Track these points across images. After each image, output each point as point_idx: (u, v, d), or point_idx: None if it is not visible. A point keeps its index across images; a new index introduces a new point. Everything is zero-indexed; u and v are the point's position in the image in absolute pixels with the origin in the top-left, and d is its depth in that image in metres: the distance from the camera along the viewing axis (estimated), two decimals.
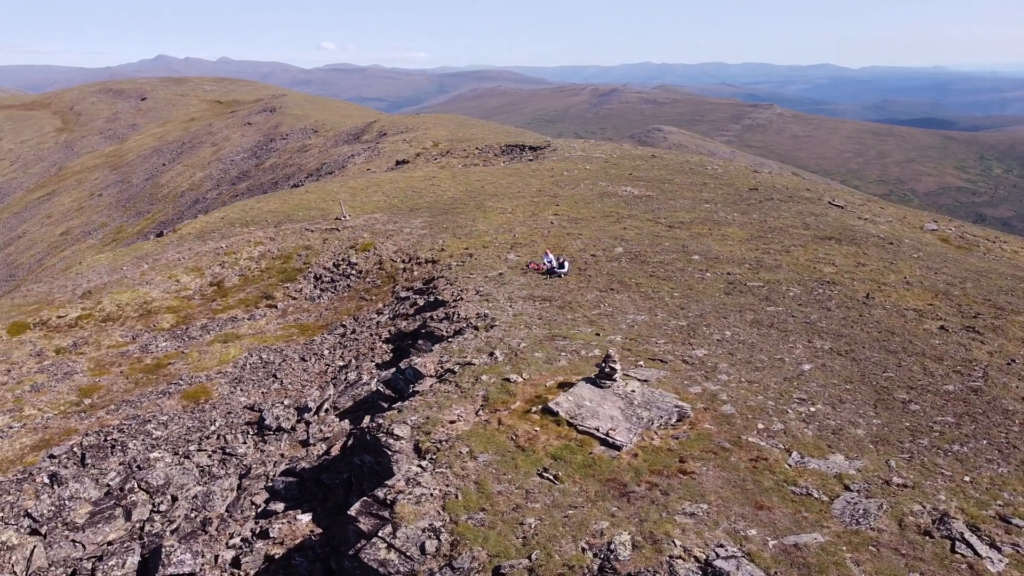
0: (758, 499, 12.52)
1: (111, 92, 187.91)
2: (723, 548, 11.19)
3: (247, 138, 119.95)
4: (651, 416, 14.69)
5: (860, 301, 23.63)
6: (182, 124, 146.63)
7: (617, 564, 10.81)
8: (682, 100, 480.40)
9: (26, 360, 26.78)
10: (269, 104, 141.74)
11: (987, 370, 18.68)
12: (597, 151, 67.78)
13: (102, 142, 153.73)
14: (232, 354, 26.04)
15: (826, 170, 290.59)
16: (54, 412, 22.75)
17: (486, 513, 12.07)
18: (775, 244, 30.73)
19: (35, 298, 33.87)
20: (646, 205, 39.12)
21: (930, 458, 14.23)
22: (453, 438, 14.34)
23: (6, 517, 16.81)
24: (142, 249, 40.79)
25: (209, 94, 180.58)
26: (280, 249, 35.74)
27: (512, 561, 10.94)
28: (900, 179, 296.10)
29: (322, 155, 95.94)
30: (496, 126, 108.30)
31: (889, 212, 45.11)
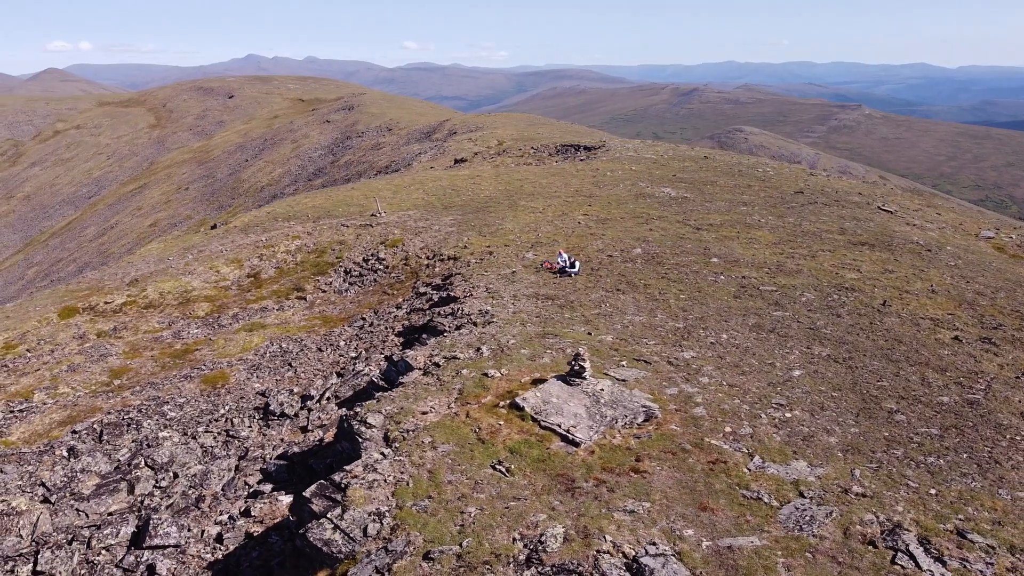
0: (704, 501, 12.54)
1: (201, 90, 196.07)
2: (654, 546, 11.29)
3: (325, 135, 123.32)
4: (616, 415, 14.81)
5: (874, 308, 23.01)
6: (265, 121, 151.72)
7: (544, 555, 11.05)
8: (765, 100, 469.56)
9: (69, 342, 28.56)
10: (348, 103, 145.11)
11: (992, 383, 18.02)
12: (649, 151, 67.24)
13: (191, 138, 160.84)
14: (255, 342, 27.17)
15: (916, 174, 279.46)
16: (85, 391, 24.25)
17: (431, 501, 12.47)
18: (802, 248, 30.09)
19: (87, 284, 35.98)
20: (680, 207, 38.77)
21: (899, 469, 13.92)
22: (420, 428, 14.79)
23: (23, 485, 18.10)
24: (190, 240, 42.77)
25: (292, 92, 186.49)
26: (315, 243, 36.96)
27: (443, 547, 11.31)
28: (997, 184, 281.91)
29: (393, 153, 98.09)
30: (565, 125, 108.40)
31: (945, 218, 43.39)
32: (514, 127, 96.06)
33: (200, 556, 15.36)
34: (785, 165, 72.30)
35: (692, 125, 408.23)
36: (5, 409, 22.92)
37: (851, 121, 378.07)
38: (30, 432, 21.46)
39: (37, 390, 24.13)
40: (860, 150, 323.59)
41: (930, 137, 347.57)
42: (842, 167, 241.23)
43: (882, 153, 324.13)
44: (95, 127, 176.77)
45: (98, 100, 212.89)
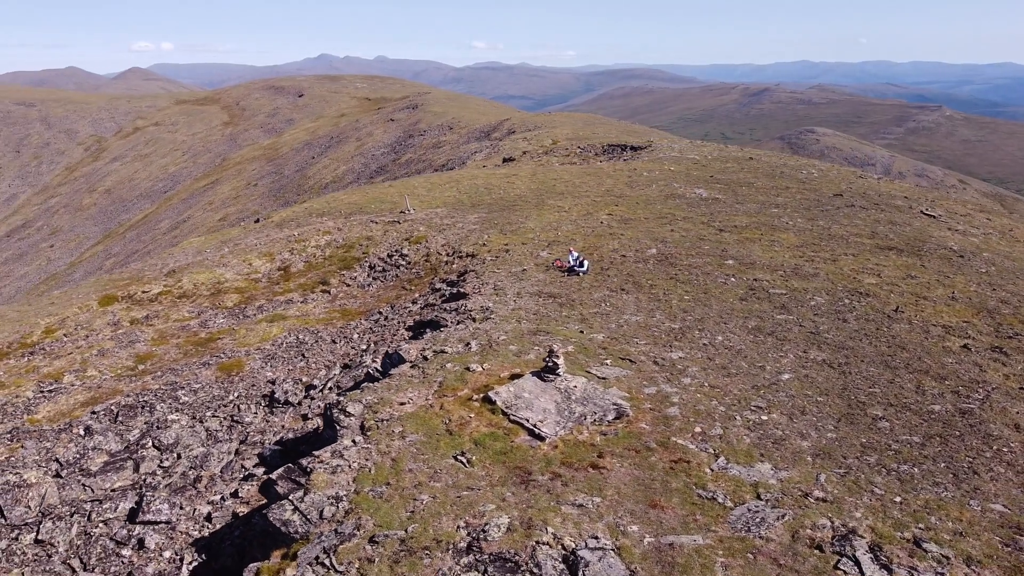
0: (657, 499, 12.61)
1: (272, 89, 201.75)
2: (595, 540, 11.44)
3: (388, 134, 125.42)
4: (585, 411, 14.96)
5: (885, 314, 22.47)
6: (332, 120, 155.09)
7: (484, 543, 11.32)
8: (840, 101, 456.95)
9: (103, 328, 30.03)
10: (413, 101, 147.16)
11: (991, 393, 17.48)
12: (694, 152, 66.52)
13: (261, 135, 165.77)
14: (273, 333, 28.10)
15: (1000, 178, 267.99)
16: (111, 375, 25.51)
17: (388, 487, 12.87)
18: (824, 252, 29.50)
19: (129, 274, 37.69)
20: (707, 208, 38.37)
21: (868, 476, 13.69)
22: (395, 418, 15.21)
23: (39, 460, 19.24)
24: (228, 234, 44.31)
25: (360, 91, 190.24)
26: (345, 239, 37.88)
27: (390, 531, 11.69)
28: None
29: (452, 151, 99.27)
30: (622, 125, 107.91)
31: (994, 223, 41.84)
32: (571, 127, 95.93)
33: (188, 533, 16.11)
34: (833, 167, 70.51)
35: (762, 126, 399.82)
36: (36, 389, 24.30)
37: (930, 123, 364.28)
38: (55, 411, 22.71)
39: (67, 372, 25.48)
40: (939, 153, 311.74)
41: (1016, 140, 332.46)
42: (919, 170, 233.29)
43: (963, 156, 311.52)
44: (172, 124, 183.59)
45: (176, 98, 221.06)
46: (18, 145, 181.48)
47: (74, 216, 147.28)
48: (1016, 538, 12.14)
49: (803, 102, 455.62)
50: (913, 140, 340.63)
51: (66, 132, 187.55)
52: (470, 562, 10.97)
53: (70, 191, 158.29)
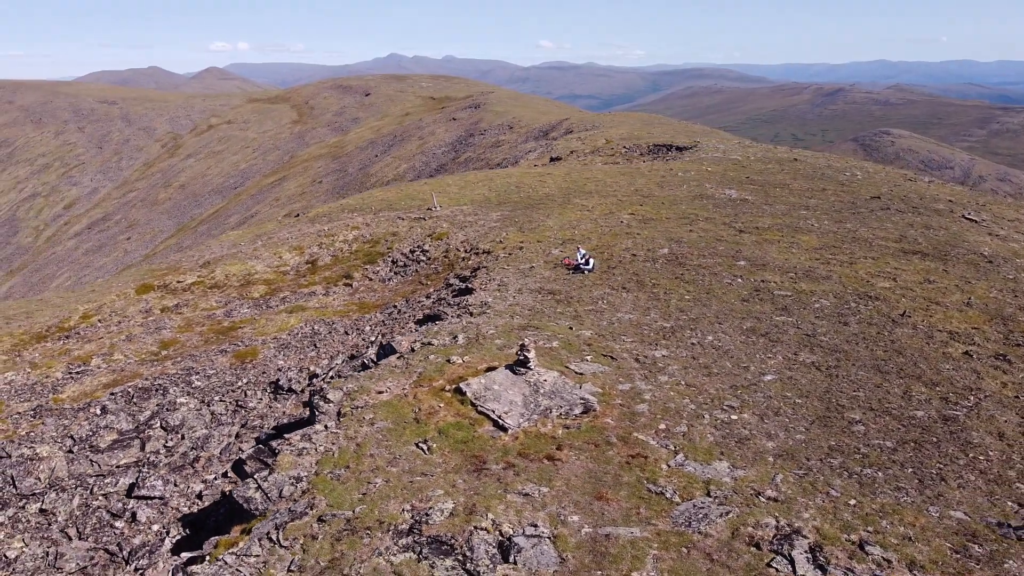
0: (604, 491, 12.81)
1: (340, 88, 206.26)
2: (534, 528, 11.74)
3: (450, 133, 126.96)
4: (552, 405, 15.22)
5: (890, 319, 22.02)
6: (397, 119, 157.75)
7: (424, 526, 11.73)
8: (918, 101, 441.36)
9: (135, 315, 31.51)
10: (475, 101, 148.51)
11: (983, 400, 17.06)
12: (738, 152, 65.60)
13: (328, 134, 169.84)
14: (291, 323, 29.05)
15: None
16: (135, 359, 26.81)
17: (348, 470, 13.40)
18: (843, 255, 28.95)
19: (167, 264, 39.36)
20: (733, 209, 37.94)
21: (827, 478, 13.60)
22: (368, 406, 15.75)
23: (56, 436, 20.46)
24: (263, 228, 45.76)
25: (425, 91, 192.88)
26: (371, 234, 38.77)
27: (339, 511, 12.20)
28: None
29: (510, 150, 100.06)
30: (683, 125, 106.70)
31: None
32: (628, 126, 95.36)
33: (178, 508, 16.98)
34: (882, 169, 68.47)
35: (834, 127, 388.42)
36: (65, 371, 25.72)
37: (1016, 125, 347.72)
38: (79, 392, 24.03)
39: (96, 356, 26.89)
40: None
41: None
42: (1000, 174, 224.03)
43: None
44: (244, 122, 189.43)
45: (248, 97, 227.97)
46: (100, 141, 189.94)
47: (150, 210, 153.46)
48: (968, 546, 11.95)
49: (879, 103, 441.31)
50: (997, 143, 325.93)
51: (145, 129, 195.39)
52: (408, 543, 11.39)
53: (147, 186, 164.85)
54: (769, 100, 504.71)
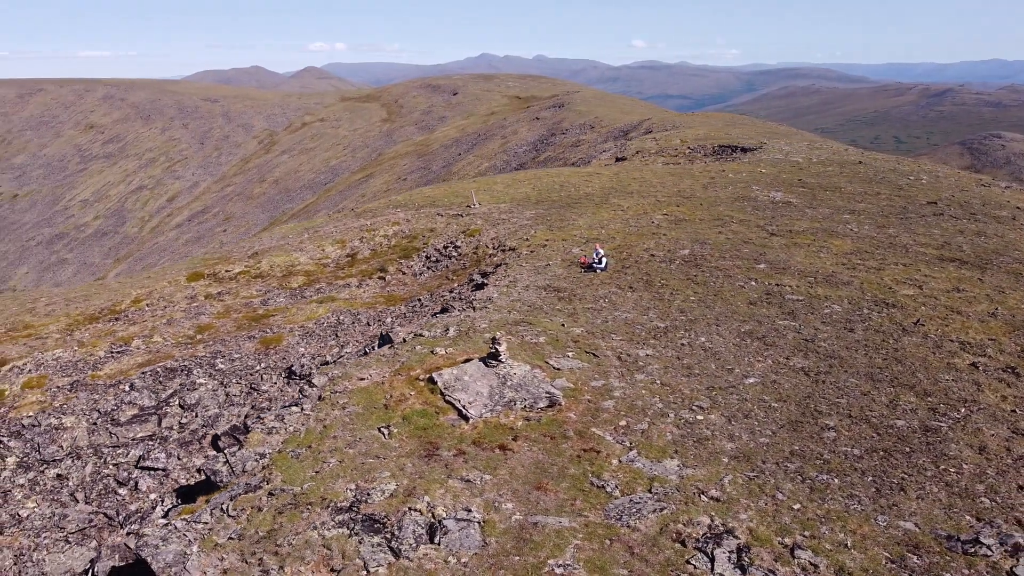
0: (545, 482, 13.12)
1: (429, 87, 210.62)
2: (467, 512, 12.18)
3: (532, 132, 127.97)
4: (517, 397, 15.59)
5: (901, 327, 21.35)
6: (482, 118, 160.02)
7: (363, 505, 12.34)
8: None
9: (180, 301, 33.39)
10: (560, 100, 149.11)
11: (975, 412, 16.46)
12: (801, 154, 63.93)
13: (415, 132, 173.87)
14: (319, 313, 30.25)
15: None
16: (172, 342, 28.49)
17: (308, 450, 14.14)
18: (872, 260, 28.08)
19: (219, 254, 41.41)
20: (772, 212, 37.16)
21: (778, 481, 13.51)
22: (347, 391, 16.49)
23: (85, 409, 22.08)
24: (313, 223, 47.48)
25: (511, 90, 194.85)
26: (410, 230, 39.80)
27: (288, 487, 12.94)
28: None
29: (588, 150, 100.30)
30: (767, 126, 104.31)
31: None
32: (709, 127, 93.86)
33: (176, 480, 18.15)
34: (954, 173, 65.21)
35: (940, 129, 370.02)
36: (107, 350, 27.59)
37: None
38: (116, 370, 25.76)
39: (137, 337, 28.71)
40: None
41: None
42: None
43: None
44: (336, 120, 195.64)
45: (341, 96, 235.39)
46: (202, 138, 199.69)
47: (245, 204, 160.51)
48: (907, 556, 11.74)
49: (991, 104, 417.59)
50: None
51: (243, 126, 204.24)
52: (343, 520, 12.01)
53: (243, 181, 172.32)
54: (870, 101, 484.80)
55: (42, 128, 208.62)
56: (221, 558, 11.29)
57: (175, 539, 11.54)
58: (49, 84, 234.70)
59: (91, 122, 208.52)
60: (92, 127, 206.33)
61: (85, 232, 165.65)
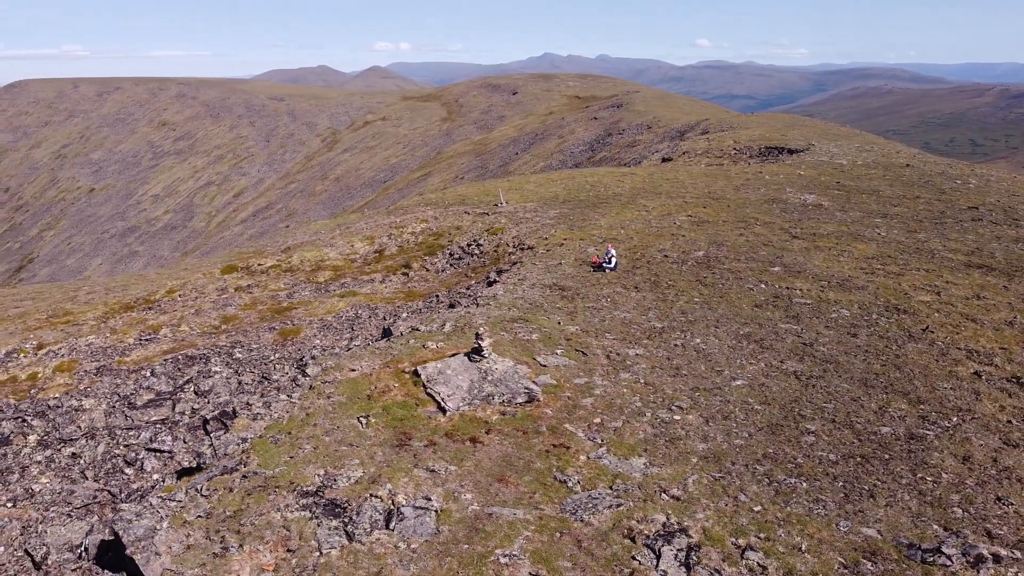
0: (508, 475, 13.38)
1: (489, 87, 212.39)
2: (427, 501, 12.53)
3: (589, 132, 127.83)
4: (495, 392, 15.88)
5: (908, 333, 20.89)
6: (540, 117, 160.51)
7: (327, 490, 12.81)
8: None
9: (211, 292, 34.62)
10: (619, 100, 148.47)
11: (967, 422, 16.08)
12: (848, 156, 62.51)
13: (474, 131, 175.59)
14: (339, 307, 31.01)
15: None
16: (197, 331, 29.60)
17: (288, 436, 14.69)
18: (894, 265, 27.43)
19: (254, 248, 42.70)
20: (800, 214, 36.52)
21: (744, 483, 13.49)
22: (336, 381, 17.03)
23: (107, 393, 23.19)
24: (346, 219, 48.49)
25: (571, 90, 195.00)
26: (437, 227, 40.38)
27: (261, 471, 13.49)
28: None
29: (644, 150, 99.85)
30: (827, 127, 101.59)
31: None
32: (766, 127, 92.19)
33: (180, 462, 18.98)
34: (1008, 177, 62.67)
35: (1021, 132, 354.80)
36: (137, 338, 28.85)
37: None
38: (142, 356, 26.94)
39: (165, 326, 29.92)
40: None
41: None
42: None
43: None
44: (397, 119, 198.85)
45: (402, 95, 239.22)
46: (268, 135, 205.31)
47: (307, 200, 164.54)
48: (862, 562, 11.64)
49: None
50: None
51: (307, 124, 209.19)
52: (306, 503, 12.50)
53: (306, 178, 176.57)
54: (945, 102, 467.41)
55: (118, 125, 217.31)
56: (188, 534, 11.88)
57: (148, 515, 12.18)
58: (126, 83, 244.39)
59: (164, 119, 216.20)
60: (164, 124, 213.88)
61: (156, 226, 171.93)
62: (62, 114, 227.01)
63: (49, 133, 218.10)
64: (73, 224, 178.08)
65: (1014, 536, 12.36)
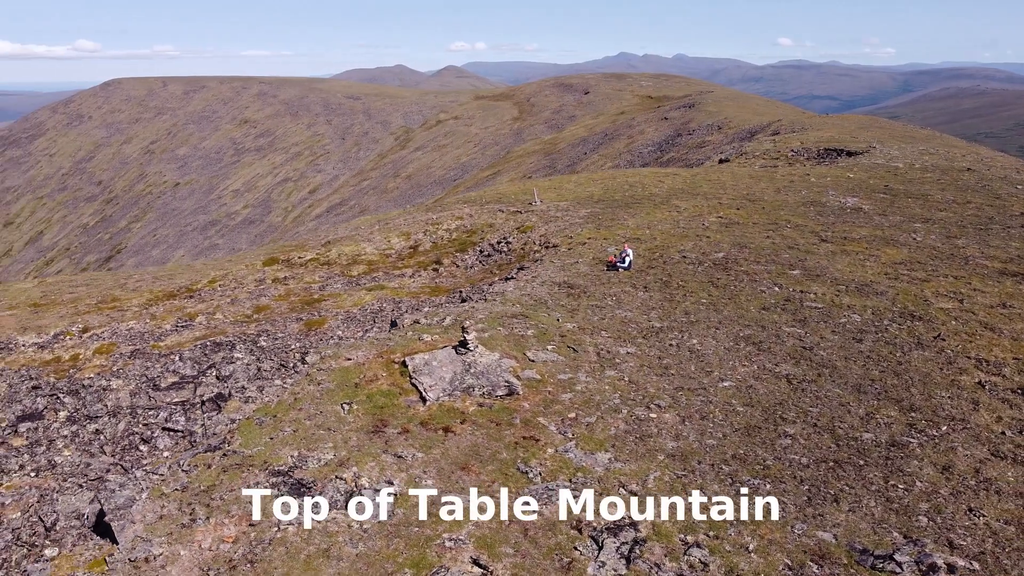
0: (472, 464, 13.80)
1: (561, 86, 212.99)
2: (389, 484, 13.08)
3: (659, 132, 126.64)
4: (476, 384, 16.30)
5: (917, 340, 20.37)
6: (611, 117, 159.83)
7: (297, 470, 13.48)
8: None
9: (249, 283, 36.04)
10: (691, 100, 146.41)
11: (956, 431, 15.69)
12: (906, 159, 60.53)
13: (544, 131, 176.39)
14: (366, 300, 31.90)
15: None
16: (231, 319, 30.92)
17: (273, 419, 15.44)
18: (921, 271, 26.65)
19: (296, 242, 44.16)
20: (837, 217, 35.68)
21: (706, 482, 13.56)
22: (330, 369, 17.74)
23: (136, 374, 24.54)
24: (387, 215, 49.57)
25: (644, 90, 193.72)
26: (471, 224, 40.99)
27: (241, 449, 14.26)
28: None
29: (712, 151, 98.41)
30: (907, 129, 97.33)
31: None
32: (839, 129, 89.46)
33: (190, 441, 19.99)
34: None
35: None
36: (174, 324, 30.33)
37: None
38: (175, 342, 28.34)
39: (201, 314, 31.36)
40: None
41: None
42: None
43: None
44: (469, 118, 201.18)
45: (475, 94, 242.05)
46: (343, 133, 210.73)
47: (379, 198, 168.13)
48: (808, 565, 11.64)
49: None
50: None
51: (382, 123, 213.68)
52: (274, 481, 13.19)
53: (378, 175, 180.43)
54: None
55: (203, 122, 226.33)
56: (163, 506, 12.70)
57: (131, 486, 13.06)
58: (211, 82, 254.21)
59: (245, 117, 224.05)
60: (246, 122, 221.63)
61: (235, 220, 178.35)
62: (152, 111, 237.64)
63: (139, 130, 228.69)
64: (159, 217, 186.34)
65: (977, 547, 12.12)
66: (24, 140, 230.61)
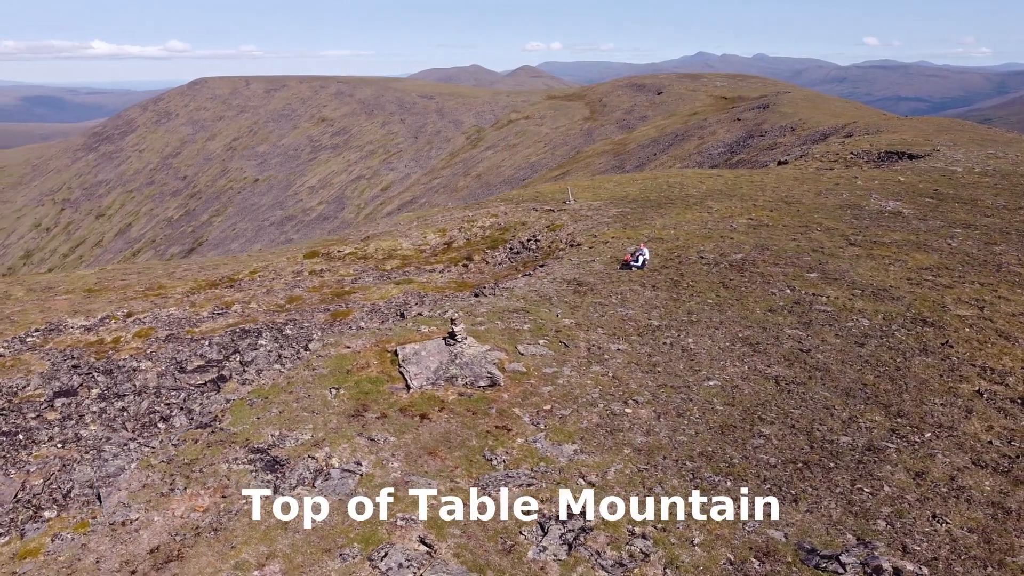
0: (440, 450, 14.34)
1: (634, 86, 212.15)
2: (358, 465, 13.74)
3: (731, 133, 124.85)
4: (459, 374, 16.84)
5: (924, 347, 19.93)
6: (683, 118, 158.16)
7: (274, 449, 14.27)
8: None
9: (287, 275, 37.45)
10: (765, 101, 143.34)
11: (939, 438, 15.43)
12: (967, 163, 58.33)
13: (615, 131, 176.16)
14: (392, 293, 32.80)
15: None
16: (264, 309, 32.26)
17: (264, 400, 16.32)
18: (947, 278, 25.89)
19: (338, 236, 45.56)
20: (871, 221, 34.80)
21: (667, 477, 13.77)
22: (328, 356, 18.57)
23: (166, 357, 25.98)
24: (426, 213, 50.55)
25: (718, 90, 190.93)
26: (505, 222, 41.54)
27: (229, 427, 15.16)
28: None
29: (783, 153, 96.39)
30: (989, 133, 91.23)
31: None
32: (915, 132, 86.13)
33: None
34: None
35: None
36: (211, 312, 31.85)
37: None
38: (209, 328, 29.79)
39: (237, 303, 32.82)
40: None
41: None
42: None
43: None
44: (540, 118, 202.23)
45: (547, 94, 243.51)
46: (416, 132, 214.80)
47: (449, 196, 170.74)
48: (750, 561, 11.79)
49: None
50: None
51: (454, 122, 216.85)
52: (252, 458, 14.01)
53: (449, 174, 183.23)
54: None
55: (282, 120, 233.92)
56: (147, 475, 13.67)
57: (123, 456, 14.11)
58: (292, 81, 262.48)
59: (323, 116, 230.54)
60: (323, 120, 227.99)
61: (310, 216, 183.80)
62: (235, 109, 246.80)
63: (223, 127, 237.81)
64: (238, 212, 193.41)
65: (930, 553, 12.02)
66: (116, 136, 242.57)
